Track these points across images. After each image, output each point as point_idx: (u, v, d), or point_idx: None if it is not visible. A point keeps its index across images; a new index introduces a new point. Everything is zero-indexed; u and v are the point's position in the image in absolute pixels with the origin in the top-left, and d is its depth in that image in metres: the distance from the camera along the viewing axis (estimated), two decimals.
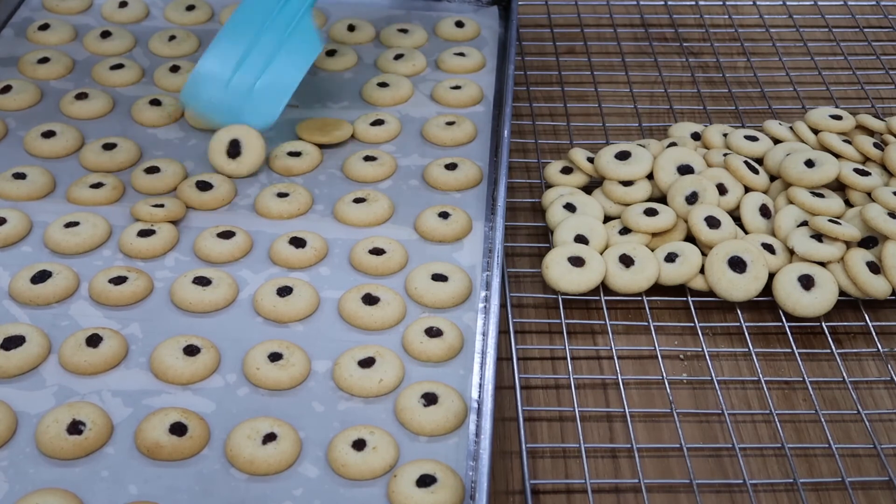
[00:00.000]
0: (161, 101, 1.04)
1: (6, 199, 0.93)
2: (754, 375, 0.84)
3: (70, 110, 1.03)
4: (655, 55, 1.21)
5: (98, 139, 0.99)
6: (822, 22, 1.28)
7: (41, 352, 0.79)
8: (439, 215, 0.92)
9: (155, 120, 1.03)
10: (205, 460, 0.73)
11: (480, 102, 1.08)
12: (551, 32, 1.24)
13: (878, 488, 0.76)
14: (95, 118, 1.03)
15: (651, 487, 0.75)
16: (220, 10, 1.20)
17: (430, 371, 0.80)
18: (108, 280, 0.85)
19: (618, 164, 0.96)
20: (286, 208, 0.93)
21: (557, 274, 0.88)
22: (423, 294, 0.85)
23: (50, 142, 0.99)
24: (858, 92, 1.15)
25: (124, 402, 0.77)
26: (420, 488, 0.70)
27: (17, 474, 0.71)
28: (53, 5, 1.20)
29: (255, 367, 0.79)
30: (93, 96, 1.04)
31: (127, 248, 0.88)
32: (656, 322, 0.88)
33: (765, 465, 0.78)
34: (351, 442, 0.73)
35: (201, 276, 0.85)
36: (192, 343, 0.80)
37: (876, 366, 0.86)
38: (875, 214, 0.89)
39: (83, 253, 0.88)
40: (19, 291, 0.84)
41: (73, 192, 0.93)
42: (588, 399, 0.82)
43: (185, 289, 0.84)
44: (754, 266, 0.88)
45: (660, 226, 0.91)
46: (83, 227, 0.89)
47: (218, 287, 0.85)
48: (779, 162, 0.97)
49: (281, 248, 0.89)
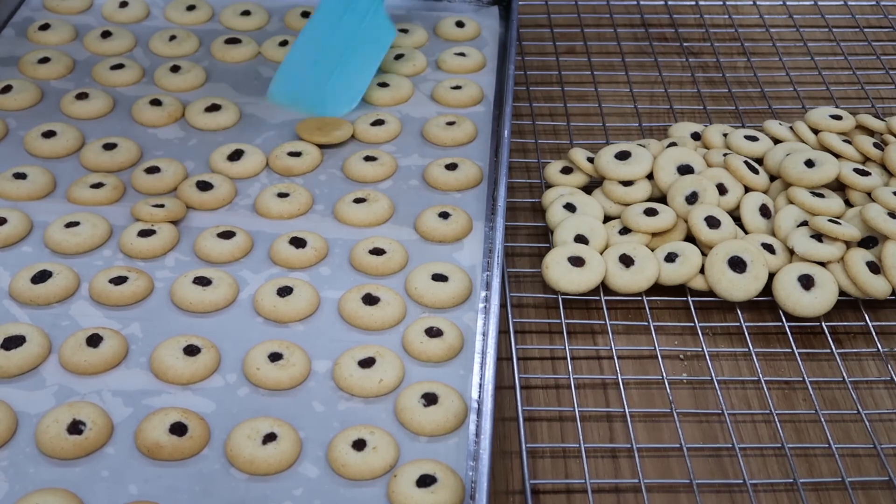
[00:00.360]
0: (161, 101, 1.04)
1: (6, 199, 0.93)
2: (754, 375, 0.84)
3: (70, 110, 1.04)
4: (655, 55, 1.21)
5: (98, 139, 1.00)
6: (822, 22, 1.28)
7: (41, 352, 0.79)
8: (439, 215, 0.92)
9: (155, 120, 1.03)
10: (205, 460, 0.73)
11: (481, 102, 1.08)
12: (551, 32, 1.24)
13: (878, 488, 0.76)
14: (96, 118, 1.04)
15: (651, 487, 0.75)
16: (221, 10, 1.20)
17: (431, 371, 0.80)
18: (109, 280, 0.85)
19: (618, 164, 0.96)
20: (286, 208, 0.93)
21: (557, 274, 0.88)
22: (423, 294, 0.85)
23: (50, 142, 0.99)
24: (858, 92, 1.15)
25: (124, 402, 0.77)
26: (420, 488, 0.70)
27: (17, 474, 0.71)
28: (54, 5, 1.20)
29: (256, 367, 0.79)
30: (93, 96, 1.04)
31: (127, 248, 0.89)
32: (656, 322, 0.88)
33: (765, 465, 0.78)
34: (351, 442, 0.73)
35: (201, 276, 0.85)
36: (193, 343, 0.80)
37: (876, 366, 0.86)
38: (875, 214, 0.89)
39: (83, 253, 0.88)
40: (20, 291, 0.84)
41: (74, 192, 0.93)
42: (588, 399, 0.82)
43: (186, 289, 0.84)
44: (754, 266, 0.88)
45: (660, 226, 0.91)
46: (83, 227, 0.89)
47: (218, 287, 0.85)
48: (779, 162, 0.97)
49: (281, 248, 0.89)
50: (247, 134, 1.02)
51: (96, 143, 0.99)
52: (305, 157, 0.98)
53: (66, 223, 0.89)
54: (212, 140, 1.01)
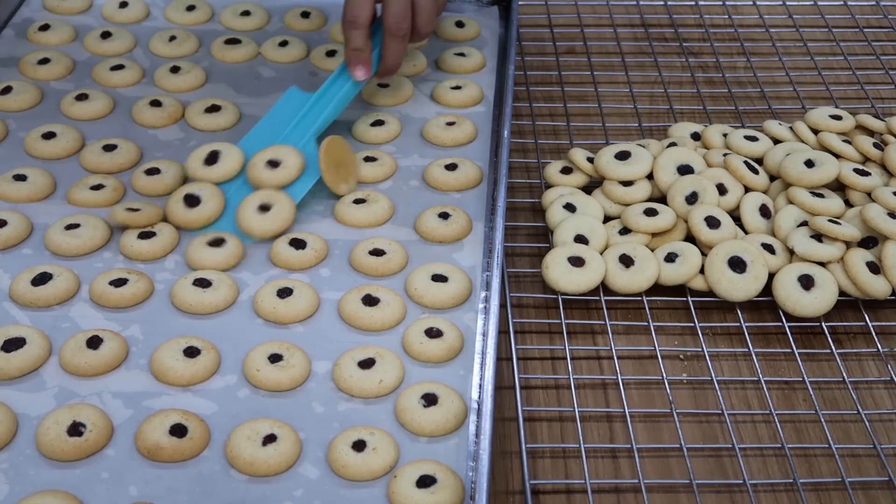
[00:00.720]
0: (161, 101, 1.04)
1: (6, 201, 0.93)
2: (754, 375, 0.84)
3: (70, 111, 1.04)
4: (655, 55, 1.21)
5: (98, 140, 1.00)
6: (822, 22, 1.28)
7: (42, 353, 0.79)
8: (439, 216, 0.92)
9: (155, 121, 1.03)
10: (205, 461, 0.73)
11: (481, 103, 1.08)
12: (551, 32, 1.24)
13: (878, 488, 0.76)
14: (96, 119, 1.04)
15: (651, 487, 0.75)
16: (221, 11, 1.20)
17: (430, 372, 0.80)
18: (109, 282, 0.85)
19: (618, 164, 0.96)
20: None
21: (557, 274, 0.88)
22: (423, 295, 0.85)
23: (50, 143, 0.99)
24: (858, 92, 1.15)
25: (125, 404, 0.77)
26: (420, 489, 0.70)
27: (17, 476, 0.71)
28: (54, 6, 1.20)
29: (256, 368, 0.79)
30: (93, 97, 1.05)
31: (127, 250, 0.89)
32: (656, 322, 0.88)
33: (765, 465, 0.78)
34: (351, 443, 0.73)
35: (201, 278, 0.85)
36: (193, 345, 0.80)
37: (876, 366, 0.86)
38: (875, 214, 0.89)
39: (83, 255, 0.89)
40: (20, 293, 0.84)
41: (74, 193, 0.93)
42: (588, 399, 0.82)
43: (186, 291, 0.84)
44: (754, 266, 0.88)
45: (660, 226, 0.91)
46: (83, 230, 0.89)
47: (218, 289, 0.85)
48: (779, 162, 0.97)
49: (281, 249, 0.89)
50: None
51: (96, 144, 0.99)
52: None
53: (66, 225, 0.89)
54: (212, 140, 1.01)
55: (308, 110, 0.97)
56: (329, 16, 1.20)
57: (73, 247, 0.88)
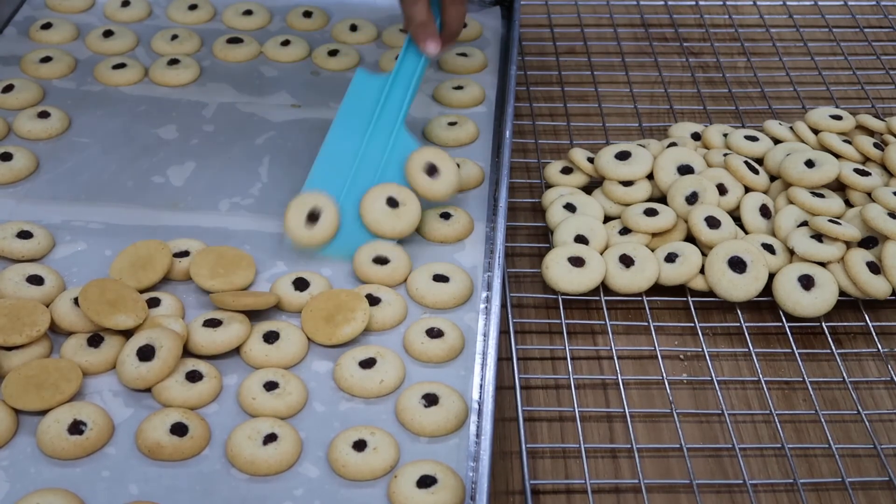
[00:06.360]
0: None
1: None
2: (754, 376, 0.84)
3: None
4: (655, 55, 1.21)
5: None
6: (822, 22, 1.28)
7: (43, 352, 0.79)
8: (441, 216, 0.92)
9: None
10: (205, 460, 0.73)
11: (482, 103, 1.08)
12: (551, 32, 1.24)
13: (878, 488, 0.76)
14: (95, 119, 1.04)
15: (651, 488, 0.75)
16: (223, 10, 1.20)
17: (431, 372, 0.80)
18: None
19: (618, 164, 0.96)
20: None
21: (557, 274, 0.88)
22: (424, 295, 0.85)
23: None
24: (858, 92, 1.16)
25: (125, 402, 0.77)
26: (420, 489, 0.70)
27: (17, 474, 0.72)
28: (56, 4, 1.20)
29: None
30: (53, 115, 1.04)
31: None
32: (656, 322, 0.88)
33: (765, 466, 0.78)
34: (351, 442, 0.73)
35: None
36: (197, 369, 0.79)
37: (876, 366, 0.86)
38: (875, 214, 0.89)
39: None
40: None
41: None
42: (588, 399, 0.82)
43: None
44: (754, 266, 0.88)
45: (660, 226, 0.91)
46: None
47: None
48: (779, 162, 0.97)
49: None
50: (248, 134, 1.02)
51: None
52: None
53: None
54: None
55: (387, 97, 0.93)
56: (331, 15, 1.20)
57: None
